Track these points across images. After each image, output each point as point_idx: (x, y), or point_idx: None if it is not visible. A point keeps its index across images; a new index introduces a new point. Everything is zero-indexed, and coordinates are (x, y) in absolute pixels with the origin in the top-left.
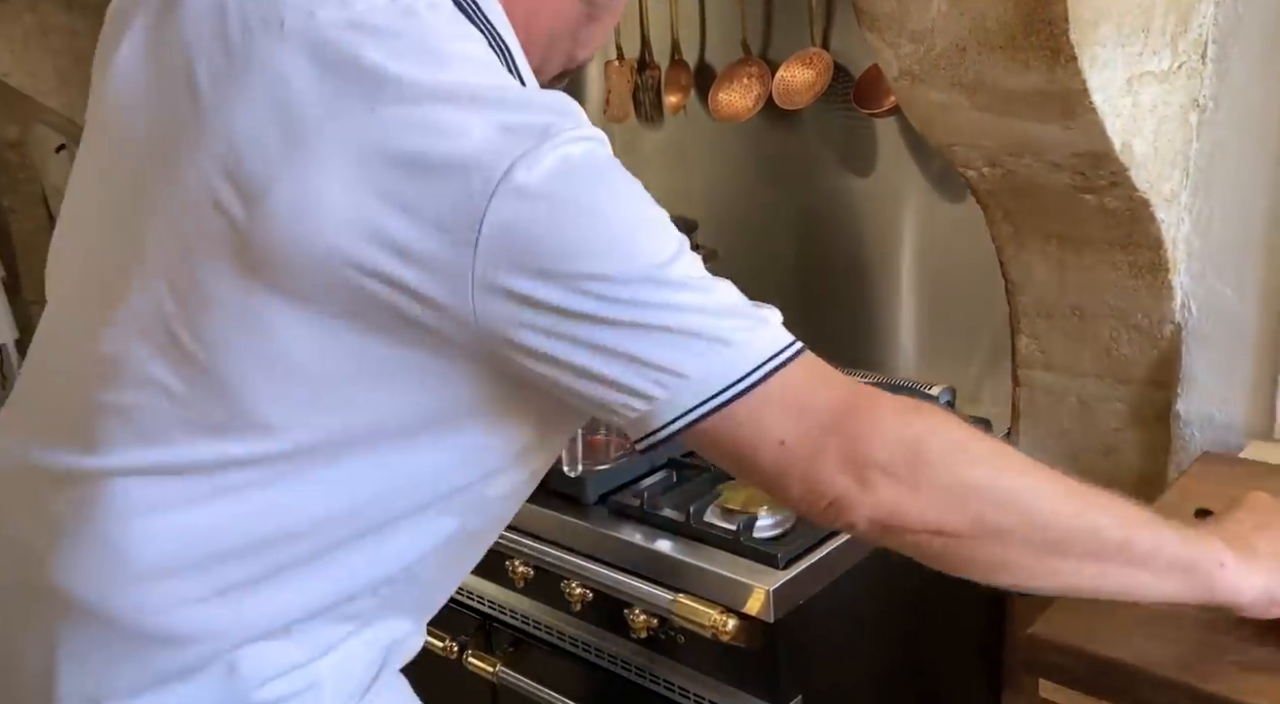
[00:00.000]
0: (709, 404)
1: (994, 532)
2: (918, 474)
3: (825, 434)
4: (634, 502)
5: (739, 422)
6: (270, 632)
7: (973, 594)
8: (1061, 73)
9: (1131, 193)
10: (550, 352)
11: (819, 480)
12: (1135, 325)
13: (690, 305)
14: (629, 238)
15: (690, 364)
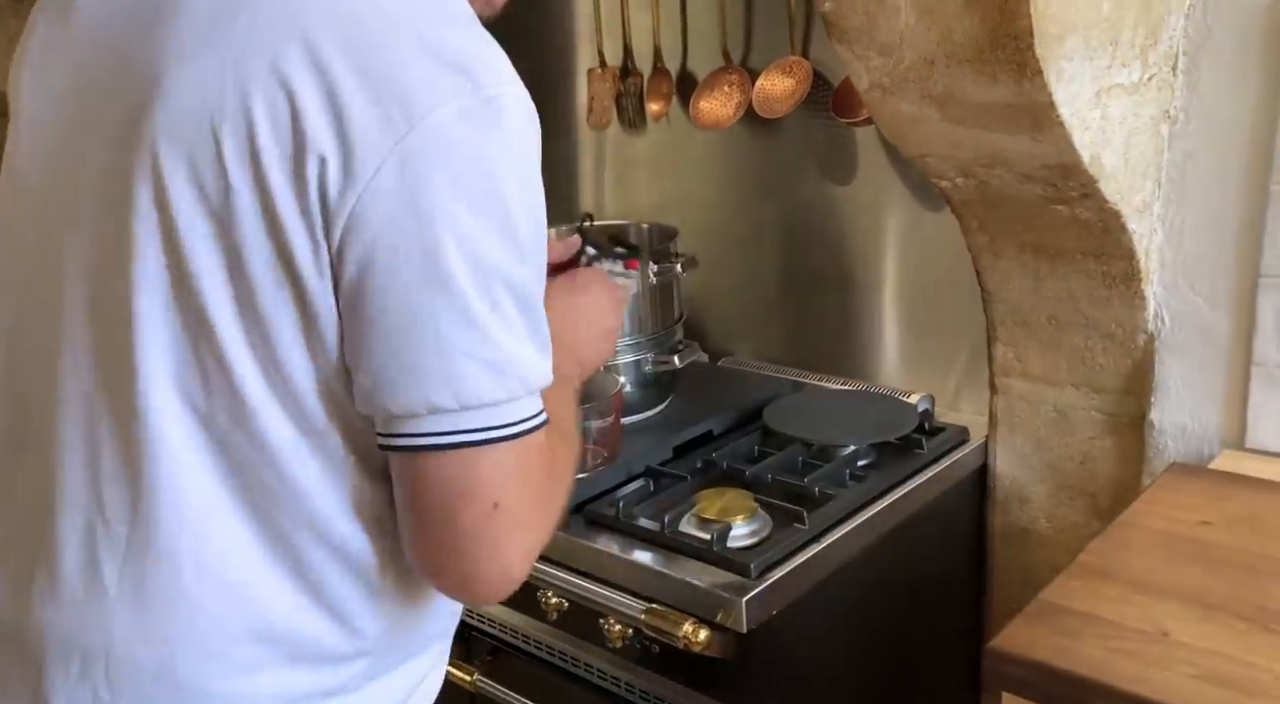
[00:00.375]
0: (447, 437)
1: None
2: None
3: (528, 511)
4: (609, 511)
5: (472, 466)
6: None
7: (951, 604)
8: (1028, 86)
9: (1102, 204)
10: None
11: (498, 551)
12: (1109, 334)
13: (528, 322)
14: (513, 225)
15: (505, 385)
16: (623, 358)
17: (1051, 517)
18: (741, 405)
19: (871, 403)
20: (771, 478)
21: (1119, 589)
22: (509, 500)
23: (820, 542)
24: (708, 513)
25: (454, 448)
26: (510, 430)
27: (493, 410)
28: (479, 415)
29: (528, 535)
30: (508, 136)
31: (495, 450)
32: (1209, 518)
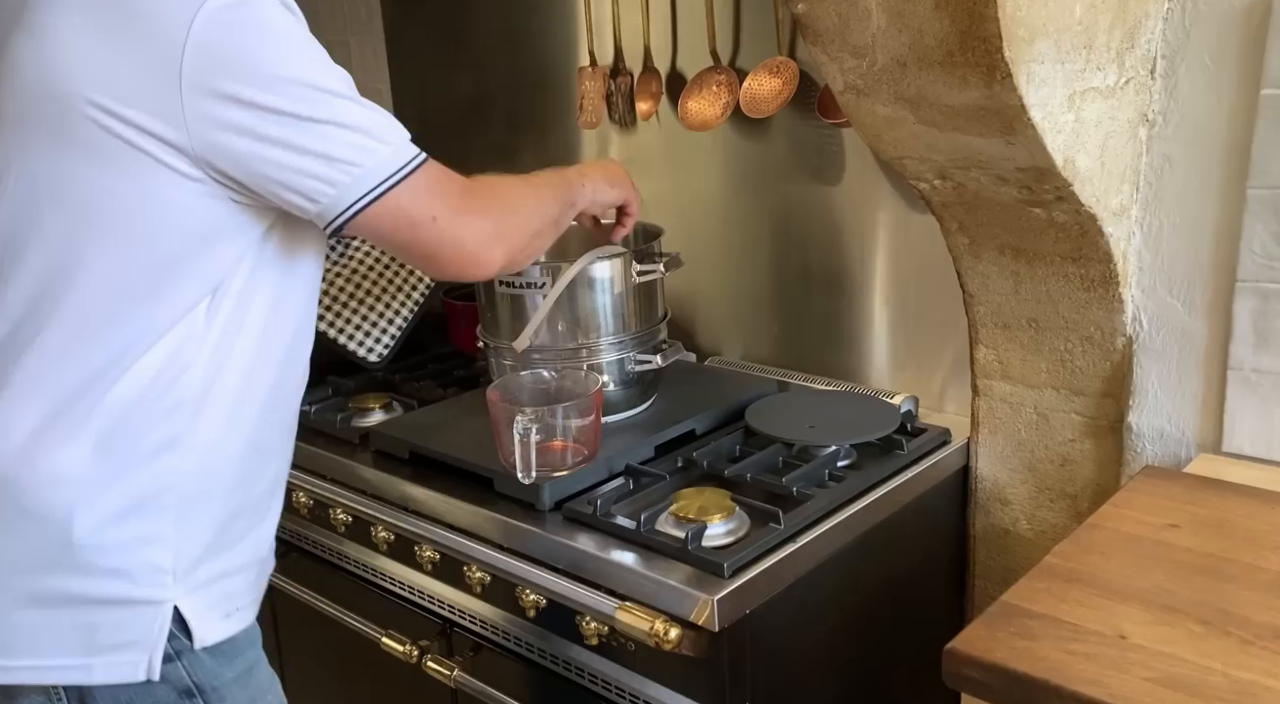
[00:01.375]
0: (381, 186)
1: (531, 235)
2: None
3: (460, 211)
4: (587, 509)
5: (402, 204)
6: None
7: (931, 605)
8: (998, 89)
9: (1078, 207)
10: (257, 152)
11: (464, 241)
12: (1088, 337)
13: (357, 115)
14: (306, 57)
15: (365, 158)
16: (605, 356)
17: (1032, 518)
18: (725, 405)
19: (854, 403)
20: (750, 478)
21: (1082, 592)
22: (440, 210)
23: (795, 542)
24: (685, 512)
25: (380, 197)
26: (394, 179)
27: (371, 171)
28: (368, 178)
29: (478, 221)
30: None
31: (398, 189)
32: (1178, 521)
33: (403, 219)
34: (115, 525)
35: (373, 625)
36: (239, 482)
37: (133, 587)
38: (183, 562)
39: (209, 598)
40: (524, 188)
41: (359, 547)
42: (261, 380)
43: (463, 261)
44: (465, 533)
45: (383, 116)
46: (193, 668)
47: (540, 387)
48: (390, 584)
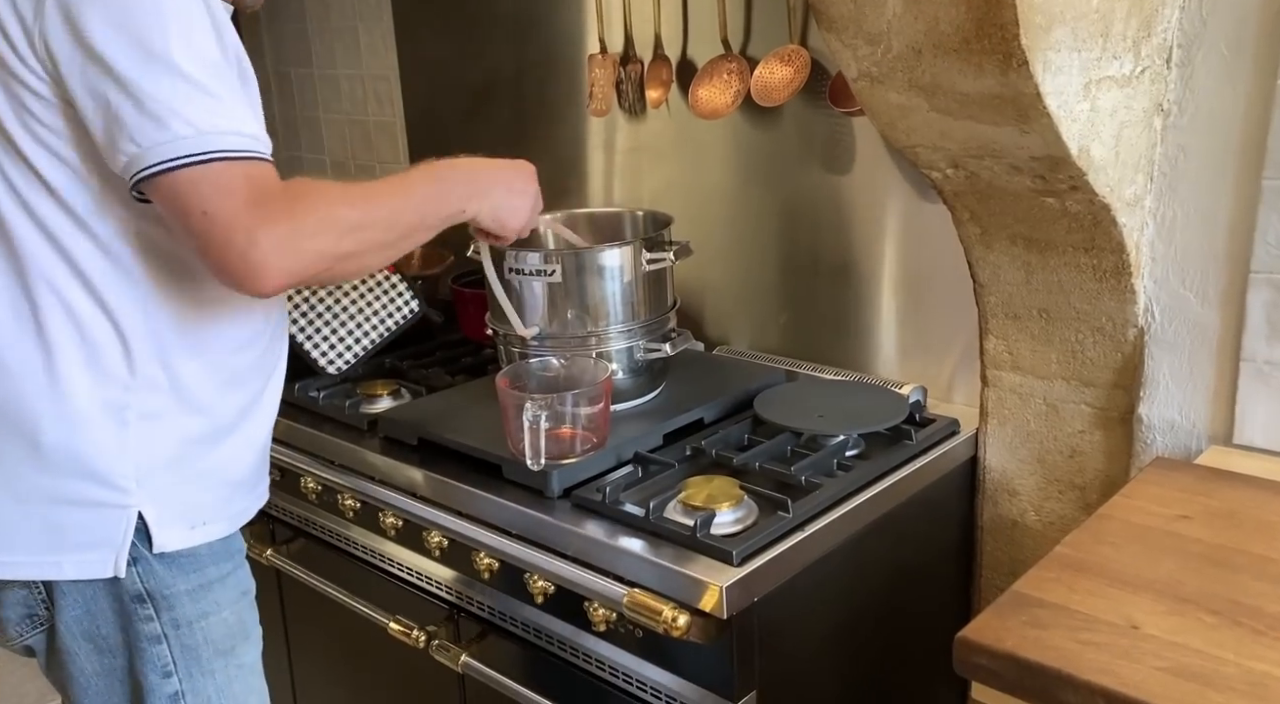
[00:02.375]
0: (170, 164)
1: (340, 254)
2: (301, 243)
3: (238, 214)
4: (596, 496)
5: (181, 187)
6: None
7: (938, 595)
8: (1014, 76)
9: (1092, 197)
10: (84, 92)
11: (231, 246)
12: (1099, 328)
13: (190, 92)
14: (171, 25)
15: (173, 128)
16: (614, 344)
17: (1040, 509)
18: (734, 394)
19: (863, 393)
20: (759, 466)
21: (1093, 582)
22: (215, 208)
23: (803, 530)
24: (693, 500)
25: (158, 175)
26: (184, 161)
27: (167, 146)
28: (157, 151)
29: (259, 231)
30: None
31: (184, 174)
32: (1189, 513)
33: (176, 205)
34: (80, 429)
35: (380, 611)
36: (199, 407)
37: (99, 489)
38: (145, 470)
39: (172, 508)
40: (352, 200)
41: (367, 532)
42: (190, 317)
43: (226, 268)
44: (473, 519)
45: (203, 102)
46: (145, 574)
47: (549, 374)
48: (398, 570)
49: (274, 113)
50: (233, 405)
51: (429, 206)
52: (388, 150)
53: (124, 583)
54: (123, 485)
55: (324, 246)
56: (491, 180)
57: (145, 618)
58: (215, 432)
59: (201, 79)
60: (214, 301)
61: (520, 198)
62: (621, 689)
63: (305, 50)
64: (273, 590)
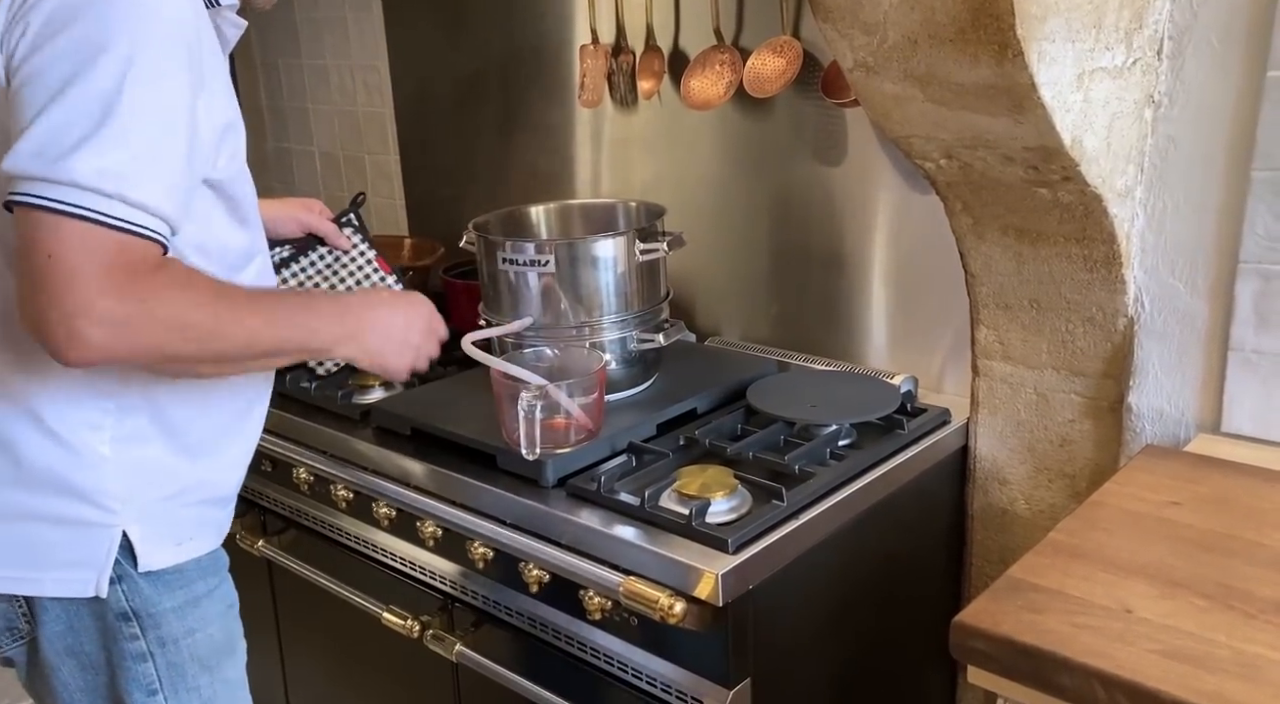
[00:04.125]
0: (26, 197)
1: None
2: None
3: (88, 276)
4: (591, 485)
5: (45, 225)
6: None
7: (930, 583)
8: (1009, 67)
9: (1084, 187)
10: (12, 102)
11: (60, 299)
12: (1090, 318)
13: (89, 134)
14: (108, 61)
15: (75, 173)
16: (608, 335)
17: (1030, 498)
18: (727, 384)
19: (855, 383)
20: (752, 455)
21: (1087, 567)
22: (62, 259)
23: (798, 518)
24: (688, 489)
25: (23, 207)
26: (61, 207)
27: (47, 185)
28: (37, 186)
29: (97, 301)
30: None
31: (51, 217)
32: (1179, 499)
33: (29, 236)
34: (62, 448)
35: (374, 601)
36: (174, 428)
37: (82, 508)
38: (129, 489)
39: (157, 526)
40: (213, 309)
41: (359, 523)
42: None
43: (43, 323)
44: (468, 509)
45: (127, 159)
46: (130, 593)
47: (543, 364)
48: (391, 560)
49: (262, 103)
50: (212, 426)
51: (292, 338)
52: (377, 141)
53: (108, 601)
54: (107, 505)
55: (158, 342)
56: (367, 324)
57: (130, 636)
58: (196, 452)
59: (140, 133)
60: None
61: (397, 344)
62: (617, 677)
63: (293, 40)
64: (264, 582)
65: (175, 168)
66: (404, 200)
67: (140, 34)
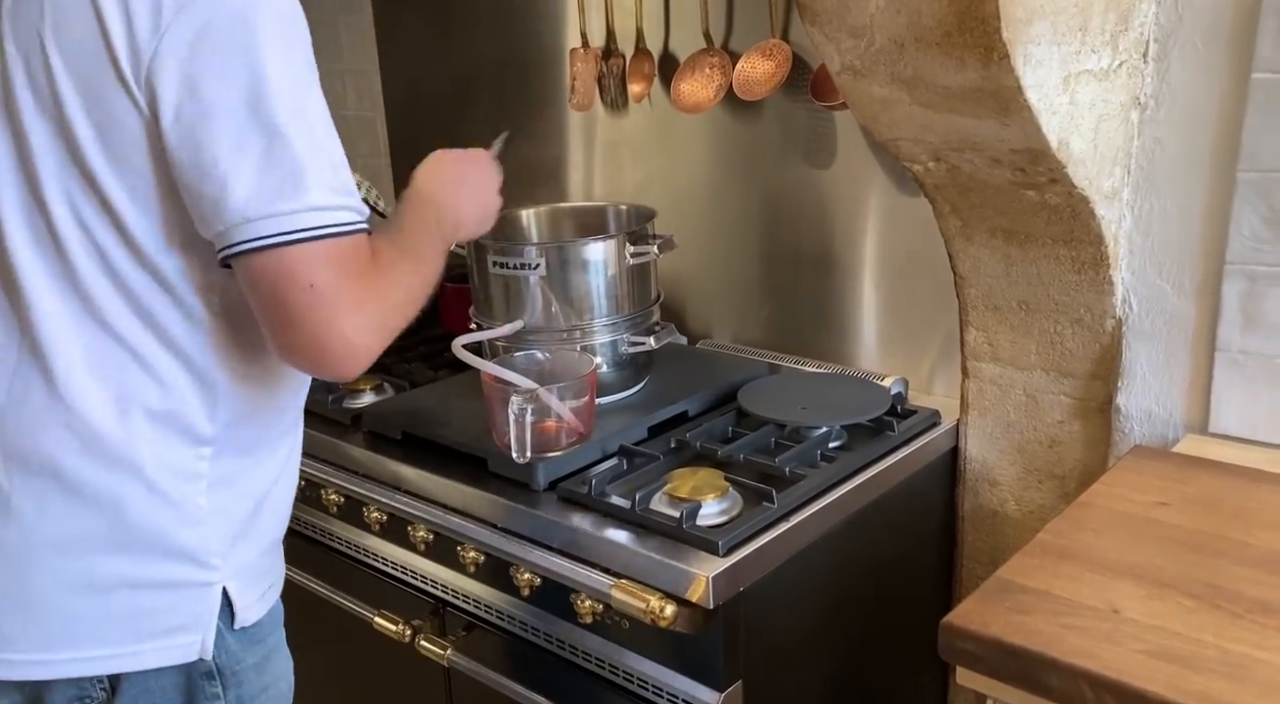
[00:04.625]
0: (271, 239)
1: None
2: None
3: (343, 292)
4: (582, 488)
5: (290, 259)
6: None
7: (920, 584)
8: (995, 70)
9: (1071, 189)
10: (181, 146)
11: (331, 323)
12: (1078, 320)
13: (298, 155)
14: (276, 75)
15: (271, 204)
16: (599, 338)
17: (1020, 499)
18: (717, 387)
19: (845, 385)
20: (743, 458)
21: (1075, 567)
22: (323, 283)
23: (788, 520)
24: (679, 491)
25: (267, 249)
26: (309, 234)
27: (285, 219)
28: (272, 223)
29: (355, 313)
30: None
31: (299, 247)
32: (1167, 499)
33: (278, 275)
34: (169, 505)
35: (365, 605)
36: (259, 463)
37: (185, 568)
38: (228, 539)
39: (249, 576)
40: (410, 279)
41: (350, 527)
42: (257, 370)
43: (318, 346)
44: (459, 513)
45: (328, 166)
46: (219, 650)
47: (534, 368)
48: (382, 564)
49: None
50: (280, 457)
51: (437, 265)
52: (368, 146)
53: (197, 660)
54: (209, 562)
55: (402, 320)
56: (458, 205)
57: (212, 696)
58: (269, 489)
59: (324, 141)
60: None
61: (482, 208)
62: (608, 681)
63: None
64: None
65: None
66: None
67: (289, 37)
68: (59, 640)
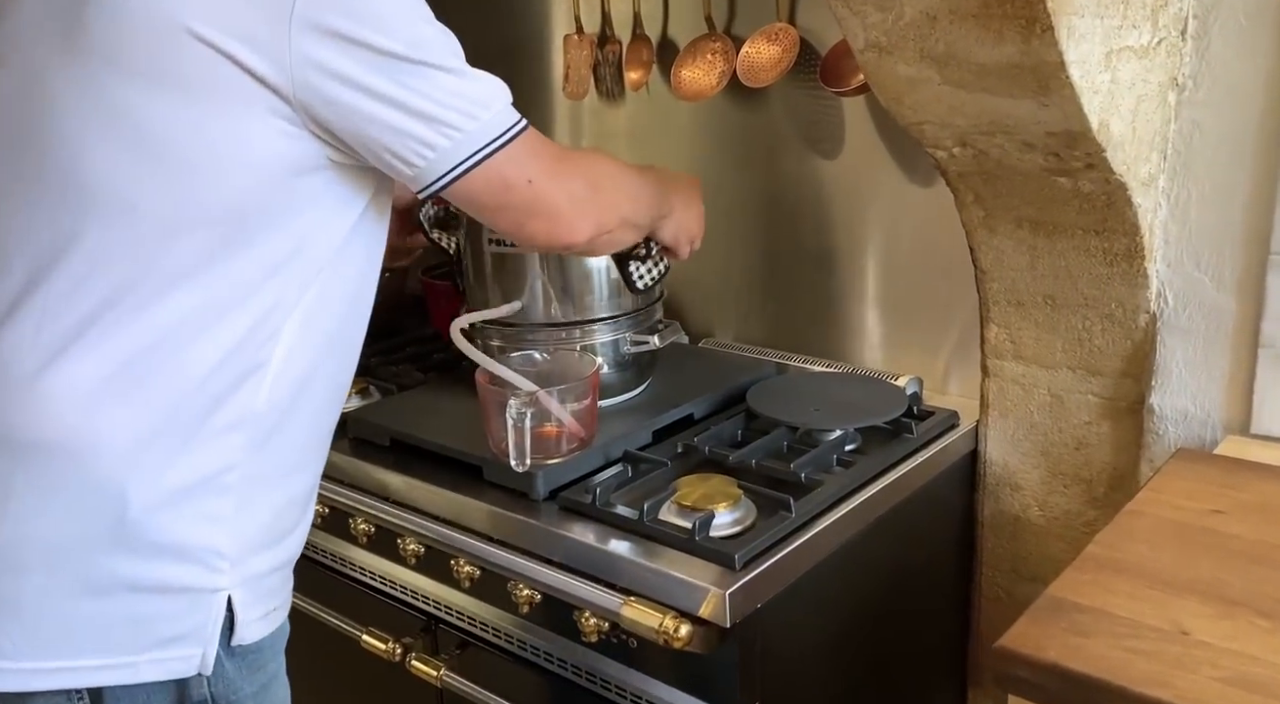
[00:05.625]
0: (481, 153)
1: (621, 220)
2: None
3: (555, 174)
4: (585, 498)
5: (501, 170)
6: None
7: (939, 593)
8: (1037, 44)
9: (1108, 175)
10: (360, 106)
11: (559, 204)
12: (1109, 315)
13: (461, 76)
14: (419, 11)
15: (466, 122)
16: (600, 337)
17: (1044, 504)
18: (724, 388)
19: (858, 385)
20: (755, 463)
21: (1131, 583)
22: (535, 173)
23: (807, 530)
24: (688, 500)
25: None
26: (508, 135)
27: (471, 136)
28: (468, 143)
29: (572, 184)
30: None
31: (508, 149)
32: (1221, 507)
33: (498, 183)
34: (175, 502)
35: (352, 622)
36: (295, 468)
37: (190, 571)
38: (239, 547)
39: (257, 591)
40: (624, 170)
41: (336, 539)
42: (332, 360)
43: (554, 223)
44: (452, 524)
45: (486, 80)
46: (216, 678)
47: (532, 369)
48: (370, 579)
49: None
50: (315, 467)
51: (658, 201)
52: None
53: (188, 684)
54: (216, 564)
55: (616, 203)
56: (678, 197)
57: None
58: (301, 500)
59: (461, 55)
60: (347, 340)
61: (697, 221)
62: (613, 703)
63: None
64: None
65: None
66: None
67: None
68: (50, 648)
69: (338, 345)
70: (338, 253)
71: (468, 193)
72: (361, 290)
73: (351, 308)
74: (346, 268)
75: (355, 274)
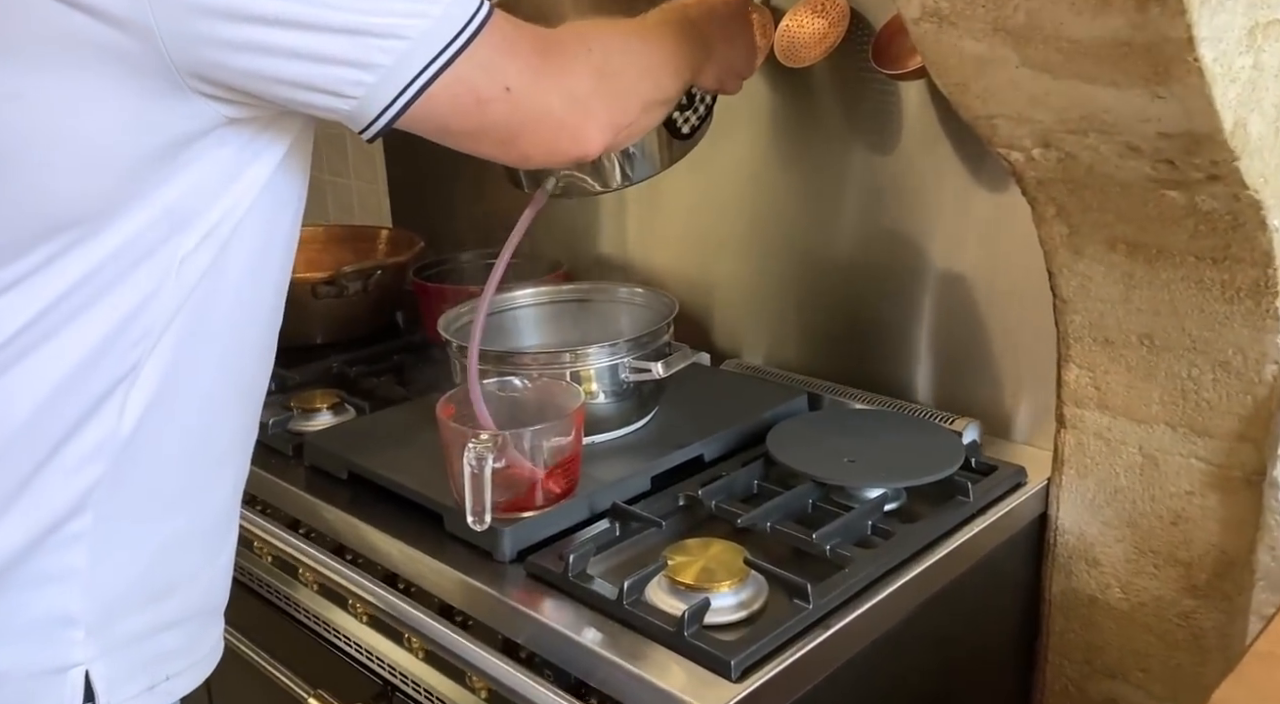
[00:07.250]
0: (439, 60)
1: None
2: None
3: (541, 72)
4: (556, 566)
5: (465, 79)
6: None
7: (994, 689)
8: (1157, 13)
9: (1238, 191)
10: (253, 39)
11: (551, 110)
12: (1224, 363)
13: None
14: None
15: (407, 26)
16: (595, 362)
17: (1127, 586)
18: (742, 425)
19: (904, 429)
20: (771, 528)
21: None
22: (514, 77)
23: (828, 625)
24: (683, 576)
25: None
26: (466, 38)
27: (418, 43)
28: (417, 53)
29: (566, 82)
30: None
31: (459, 61)
32: None
33: (468, 100)
34: (10, 562)
35: (300, 682)
36: (182, 498)
37: (29, 649)
38: (98, 608)
39: (132, 661)
40: (631, 37)
41: (286, 577)
42: (229, 364)
43: (553, 136)
44: (404, 586)
45: None
46: None
47: (507, 395)
48: (322, 629)
49: None
50: (221, 492)
51: (686, 54)
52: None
53: None
54: (66, 634)
55: (630, 87)
56: (715, 32)
57: None
58: (200, 534)
59: None
60: (249, 339)
61: (747, 49)
62: None
63: None
64: None
65: None
66: (386, 186)
67: None
68: None
69: (235, 345)
70: (234, 230)
71: (430, 118)
72: (267, 274)
73: (255, 296)
74: (245, 245)
75: (254, 249)
